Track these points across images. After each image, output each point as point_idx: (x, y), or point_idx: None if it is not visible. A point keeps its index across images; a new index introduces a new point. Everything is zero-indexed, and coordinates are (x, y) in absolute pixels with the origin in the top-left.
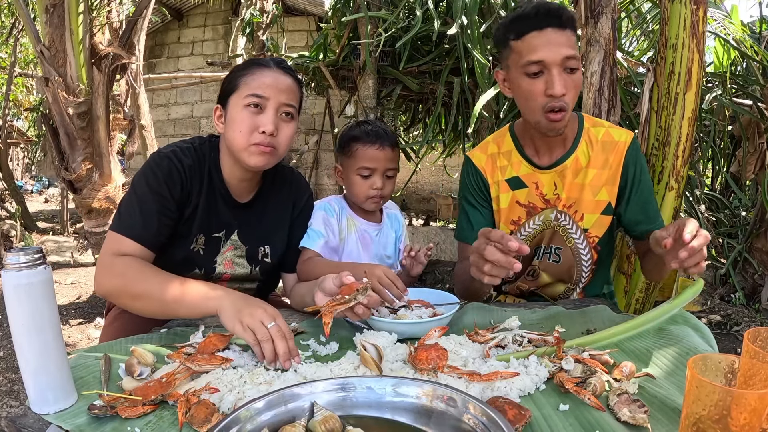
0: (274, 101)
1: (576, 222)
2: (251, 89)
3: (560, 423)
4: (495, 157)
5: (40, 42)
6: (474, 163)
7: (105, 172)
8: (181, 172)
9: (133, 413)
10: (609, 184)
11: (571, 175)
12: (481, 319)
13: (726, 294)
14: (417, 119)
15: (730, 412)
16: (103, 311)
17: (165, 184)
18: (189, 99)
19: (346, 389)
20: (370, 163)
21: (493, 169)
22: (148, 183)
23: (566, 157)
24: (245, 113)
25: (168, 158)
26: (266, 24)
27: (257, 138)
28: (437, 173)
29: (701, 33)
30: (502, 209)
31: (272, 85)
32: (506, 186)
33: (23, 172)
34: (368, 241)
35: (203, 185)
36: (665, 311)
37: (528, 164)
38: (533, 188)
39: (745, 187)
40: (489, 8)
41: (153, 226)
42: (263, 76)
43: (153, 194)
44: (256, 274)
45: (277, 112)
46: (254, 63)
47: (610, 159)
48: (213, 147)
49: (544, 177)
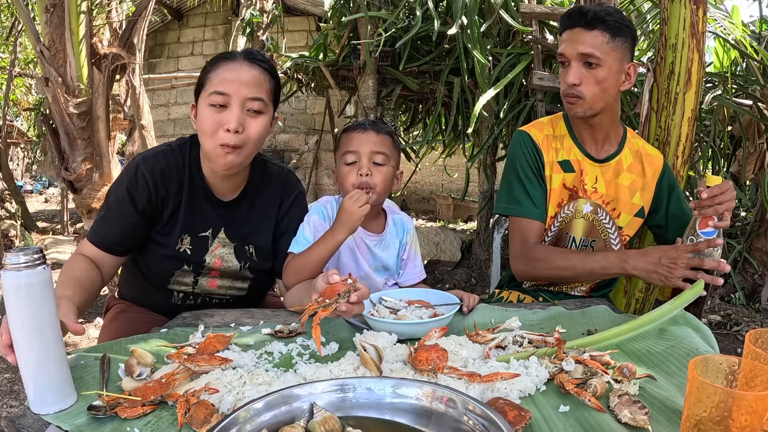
0: (237, 96)
1: (613, 219)
2: (213, 86)
3: (561, 424)
4: (550, 138)
5: (40, 42)
6: (532, 137)
7: (105, 172)
8: (148, 178)
9: (133, 413)
10: (642, 191)
11: (613, 174)
12: (482, 320)
13: (726, 294)
14: (417, 119)
15: (731, 413)
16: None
17: (127, 192)
18: (189, 99)
19: (346, 390)
20: (354, 146)
21: (548, 148)
22: (115, 191)
23: (613, 156)
24: (208, 112)
25: (136, 166)
26: (266, 24)
27: (222, 137)
28: (437, 173)
29: (701, 33)
30: (554, 190)
31: (234, 80)
32: (558, 167)
33: (23, 172)
34: (366, 253)
35: (183, 186)
36: (666, 312)
37: (579, 151)
38: (579, 174)
39: (745, 187)
40: (489, 8)
41: (114, 234)
42: (225, 71)
43: (116, 202)
44: (246, 272)
45: (243, 108)
46: (221, 57)
47: (645, 169)
48: (195, 146)
49: (590, 167)
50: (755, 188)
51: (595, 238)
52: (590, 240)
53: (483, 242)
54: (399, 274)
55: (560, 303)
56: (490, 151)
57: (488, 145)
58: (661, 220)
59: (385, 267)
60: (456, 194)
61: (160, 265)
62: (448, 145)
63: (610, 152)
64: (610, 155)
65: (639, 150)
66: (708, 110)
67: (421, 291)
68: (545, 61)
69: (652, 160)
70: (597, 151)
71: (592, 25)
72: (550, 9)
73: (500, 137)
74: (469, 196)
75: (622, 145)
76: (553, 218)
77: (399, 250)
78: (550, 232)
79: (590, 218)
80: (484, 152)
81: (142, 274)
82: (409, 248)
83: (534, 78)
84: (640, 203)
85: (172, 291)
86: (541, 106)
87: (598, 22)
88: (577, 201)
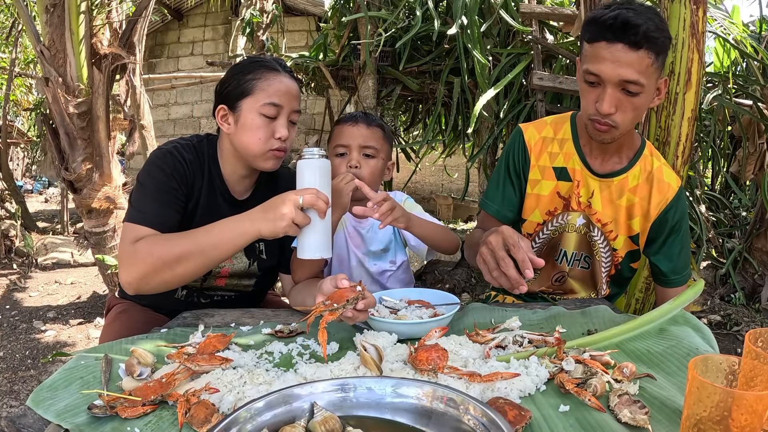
0: (287, 108)
1: (609, 240)
2: (269, 97)
3: (560, 424)
4: (548, 141)
5: (40, 42)
6: (524, 138)
7: (105, 172)
8: (185, 166)
9: (133, 413)
10: (642, 217)
11: (616, 193)
12: (482, 320)
13: (726, 294)
14: (417, 119)
15: (731, 413)
16: (102, 311)
17: (172, 176)
18: (189, 99)
19: (346, 390)
20: (344, 139)
21: (541, 152)
22: (156, 176)
23: (618, 173)
24: (261, 120)
25: (171, 153)
26: (266, 24)
27: (274, 144)
28: (437, 173)
29: (701, 33)
30: (543, 197)
31: (286, 93)
32: (552, 174)
33: (23, 172)
34: (358, 240)
35: (204, 181)
36: (666, 312)
37: (580, 161)
38: (575, 185)
39: (745, 187)
40: (489, 8)
41: (166, 214)
42: (278, 83)
43: (162, 185)
44: (254, 270)
45: (288, 118)
46: (262, 66)
47: (653, 195)
48: (211, 145)
49: (589, 180)
50: (755, 188)
51: (589, 255)
52: (582, 254)
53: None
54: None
55: (560, 303)
56: (490, 151)
57: (488, 145)
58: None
59: (384, 249)
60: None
61: None
62: (448, 145)
63: (616, 168)
64: (614, 171)
65: (652, 172)
66: (708, 110)
67: (421, 291)
68: (545, 61)
69: (663, 188)
70: (600, 163)
71: (639, 45)
72: (550, 9)
73: (500, 137)
74: (469, 196)
75: (634, 162)
76: (542, 225)
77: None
78: (538, 239)
79: (582, 232)
80: (484, 152)
81: None
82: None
83: (534, 78)
84: (637, 229)
85: (177, 287)
86: (541, 106)
87: (646, 42)
88: (571, 213)
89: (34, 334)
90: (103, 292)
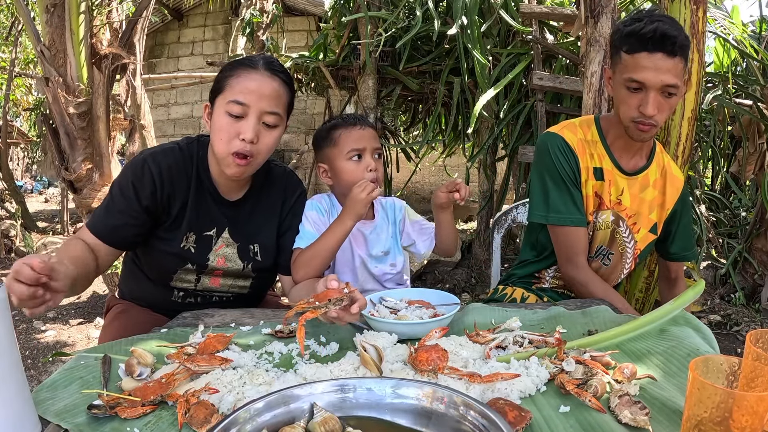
0: (256, 108)
1: (633, 233)
2: (234, 94)
3: (561, 425)
4: (583, 142)
5: (40, 42)
6: (567, 141)
7: (105, 172)
8: (155, 174)
9: (133, 414)
10: (659, 208)
11: (639, 188)
12: (482, 320)
13: (726, 294)
14: (417, 119)
15: (732, 414)
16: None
17: (132, 186)
18: (189, 99)
19: (346, 390)
20: (358, 143)
21: (584, 153)
22: (119, 184)
23: (642, 170)
24: (225, 119)
25: (143, 161)
26: (266, 24)
27: (237, 145)
28: (437, 173)
29: (701, 33)
30: (588, 197)
31: (255, 91)
32: (592, 174)
33: (23, 172)
34: (360, 240)
35: (191, 184)
36: (666, 312)
37: (610, 160)
38: (607, 184)
39: (745, 187)
40: (489, 8)
41: (112, 223)
42: (248, 80)
43: (120, 195)
44: (249, 271)
45: (259, 120)
46: (243, 63)
47: (668, 188)
48: (202, 146)
49: (619, 179)
50: (755, 188)
51: (613, 251)
52: (607, 250)
53: (483, 242)
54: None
55: (560, 303)
56: (490, 151)
57: (488, 145)
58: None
59: (385, 252)
60: None
61: (164, 262)
62: (448, 145)
63: (639, 165)
64: (639, 169)
65: (665, 167)
66: (708, 110)
67: (422, 291)
68: (545, 61)
69: (674, 181)
70: (627, 162)
71: (675, 53)
72: (550, 9)
73: (500, 137)
74: (469, 196)
75: (651, 158)
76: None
77: (395, 230)
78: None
79: (611, 228)
80: (484, 152)
81: (143, 272)
82: (407, 220)
83: (534, 78)
84: (655, 219)
85: (173, 288)
86: (541, 106)
87: (680, 50)
88: (606, 211)
89: (34, 334)
90: (103, 292)
